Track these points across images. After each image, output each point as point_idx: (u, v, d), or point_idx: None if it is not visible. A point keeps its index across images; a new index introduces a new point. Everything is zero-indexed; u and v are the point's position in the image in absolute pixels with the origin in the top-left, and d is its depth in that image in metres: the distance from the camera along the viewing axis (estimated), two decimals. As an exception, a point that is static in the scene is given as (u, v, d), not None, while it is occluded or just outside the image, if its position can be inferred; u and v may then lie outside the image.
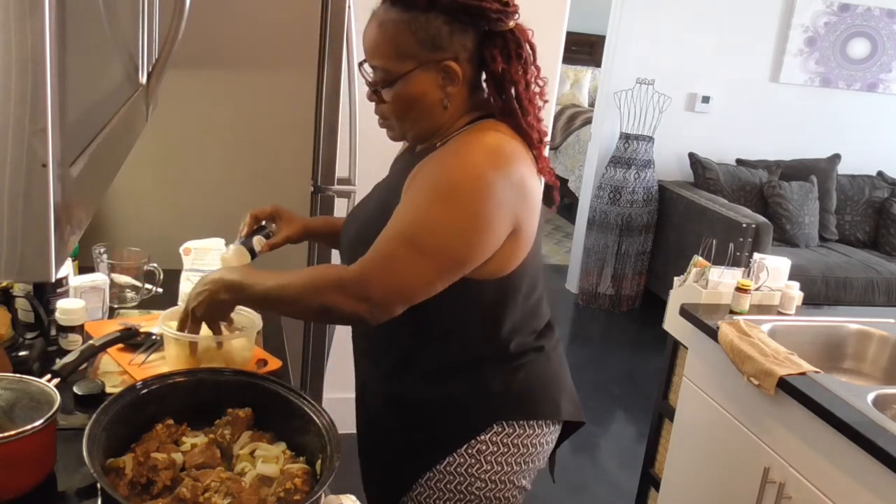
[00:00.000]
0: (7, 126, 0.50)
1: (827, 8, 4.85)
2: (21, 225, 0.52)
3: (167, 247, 1.83)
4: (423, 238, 1.19)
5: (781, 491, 1.89)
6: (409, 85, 1.25)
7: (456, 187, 1.19)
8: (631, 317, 4.79)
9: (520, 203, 1.24)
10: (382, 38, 1.24)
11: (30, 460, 1.09)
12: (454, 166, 1.21)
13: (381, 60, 1.25)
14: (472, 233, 1.20)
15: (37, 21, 0.49)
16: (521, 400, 1.37)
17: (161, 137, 1.90)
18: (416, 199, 1.22)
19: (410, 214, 1.21)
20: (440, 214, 1.19)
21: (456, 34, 1.22)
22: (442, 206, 1.19)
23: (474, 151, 1.22)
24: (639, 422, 3.49)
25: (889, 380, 2.19)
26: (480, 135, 1.25)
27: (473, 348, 1.34)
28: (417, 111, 1.27)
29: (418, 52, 1.22)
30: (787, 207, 4.53)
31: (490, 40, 1.24)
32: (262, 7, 1.94)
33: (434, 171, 1.22)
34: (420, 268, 1.20)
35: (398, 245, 1.20)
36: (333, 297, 1.20)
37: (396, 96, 1.26)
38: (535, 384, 1.39)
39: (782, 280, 2.35)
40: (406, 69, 1.23)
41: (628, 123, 4.63)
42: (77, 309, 1.48)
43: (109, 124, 0.79)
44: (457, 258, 1.21)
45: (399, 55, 1.23)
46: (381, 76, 1.26)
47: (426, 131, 1.31)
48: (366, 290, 1.19)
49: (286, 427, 1.23)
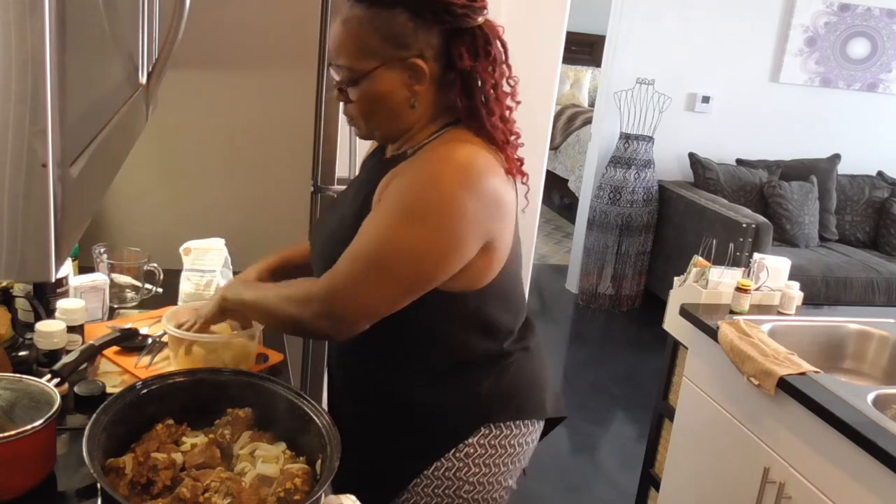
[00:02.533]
0: (7, 126, 0.50)
1: (827, 8, 4.85)
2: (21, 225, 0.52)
3: (167, 247, 1.83)
4: (389, 260, 1.18)
5: (781, 491, 1.89)
6: (374, 83, 1.22)
7: (425, 208, 1.17)
8: (631, 317, 4.79)
9: (492, 218, 1.22)
10: (346, 36, 1.22)
11: (30, 460, 1.09)
12: (424, 186, 1.18)
13: (345, 59, 1.22)
14: (439, 254, 1.19)
15: (37, 21, 0.49)
16: (507, 401, 1.36)
17: (161, 137, 1.90)
18: (384, 218, 1.20)
19: (377, 234, 1.19)
20: (407, 235, 1.17)
21: (421, 31, 1.19)
22: (409, 228, 1.17)
23: (444, 169, 1.19)
24: (639, 422, 3.49)
25: (889, 380, 2.19)
26: (450, 149, 1.21)
27: (459, 354, 1.33)
28: (384, 111, 1.25)
29: (382, 49, 1.20)
30: (787, 207, 4.53)
31: (457, 37, 1.21)
32: (262, 7, 1.94)
33: (404, 189, 1.20)
34: (385, 289, 1.20)
35: (364, 265, 1.19)
36: (301, 311, 1.22)
37: (362, 95, 1.24)
38: (520, 384, 1.38)
39: (782, 280, 2.35)
40: (370, 67, 1.21)
41: (628, 123, 4.63)
42: (77, 309, 1.48)
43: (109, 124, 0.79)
44: (423, 279, 1.20)
45: (362, 53, 1.21)
46: (346, 75, 1.23)
47: (394, 131, 1.28)
48: (330, 308, 1.20)
49: (286, 427, 1.23)
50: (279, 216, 2.08)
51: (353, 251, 1.20)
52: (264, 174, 2.05)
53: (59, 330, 1.38)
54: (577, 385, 3.93)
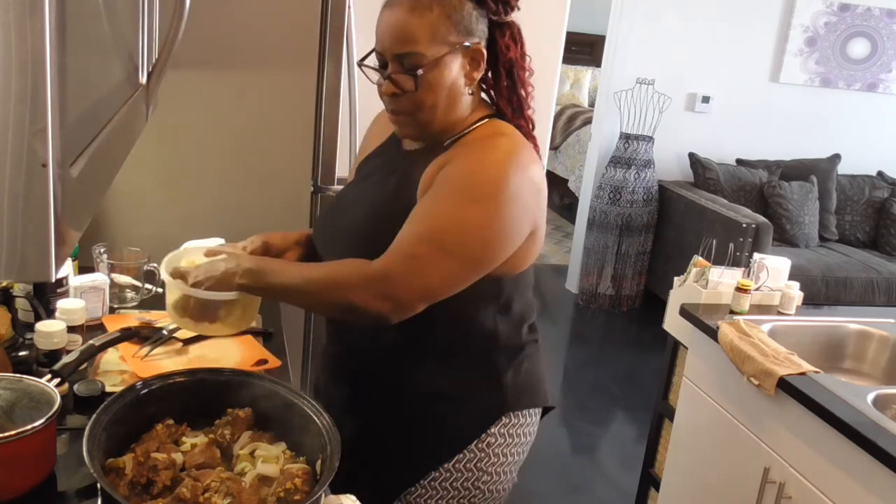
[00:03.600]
0: (7, 126, 0.50)
1: (827, 8, 4.85)
2: (21, 225, 0.52)
3: (167, 247, 1.83)
4: (449, 239, 1.20)
5: (781, 491, 1.89)
6: (442, 70, 1.22)
7: (484, 190, 1.20)
8: (631, 317, 4.79)
9: (537, 205, 1.26)
10: (418, 23, 1.20)
11: (30, 460, 1.09)
12: (481, 169, 1.21)
13: (413, 45, 1.21)
14: (497, 234, 1.21)
15: (37, 21, 0.49)
16: (525, 389, 1.38)
17: (161, 137, 1.90)
18: (441, 200, 1.21)
19: (438, 216, 1.21)
20: (469, 216, 1.20)
21: (479, 19, 1.24)
22: (470, 208, 1.20)
23: (495, 154, 1.22)
24: (639, 422, 3.49)
25: (889, 380, 2.19)
26: (495, 137, 1.26)
27: (487, 341, 1.34)
28: (447, 99, 1.25)
29: (452, 35, 1.21)
30: (787, 207, 4.53)
31: (499, 29, 1.26)
32: (262, 7, 1.94)
33: (460, 173, 1.22)
34: (446, 268, 1.20)
35: (425, 246, 1.20)
36: (358, 294, 1.20)
37: (428, 84, 1.22)
38: (534, 373, 1.41)
39: (782, 280, 2.35)
40: (440, 53, 1.21)
41: (628, 123, 4.63)
42: (77, 309, 1.48)
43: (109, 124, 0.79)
44: (482, 259, 1.22)
45: (434, 39, 1.21)
46: (413, 63, 1.21)
47: (448, 122, 1.28)
48: (390, 289, 1.19)
49: (286, 427, 1.23)
50: (279, 216, 2.08)
51: (412, 233, 1.20)
52: (264, 174, 2.05)
53: (59, 330, 1.38)
54: (577, 385, 3.93)
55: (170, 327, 1.54)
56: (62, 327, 1.39)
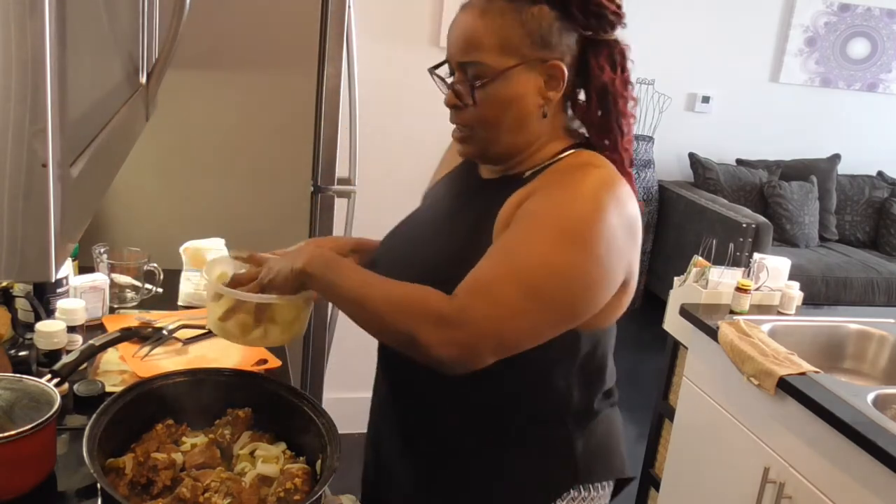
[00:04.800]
0: (7, 126, 0.50)
1: (827, 8, 4.85)
2: (21, 225, 0.52)
3: (167, 247, 1.84)
4: (542, 284, 1.02)
5: (781, 491, 1.89)
6: (508, 84, 1.08)
7: (577, 227, 1.03)
8: (631, 317, 4.70)
9: (632, 247, 1.10)
10: (486, 29, 1.08)
11: (30, 460, 1.09)
12: (572, 203, 1.04)
13: (479, 54, 1.08)
14: (593, 282, 1.04)
15: (37, 21, 0.49)
16: (597, 460, 1.21)
17: (161, 137, 1.90)
18: (528, 236, 1.04)
19: (522, 255, 1.03)
20: (560, 258, 1.02)
21: (564, 33, 1.09)
22: (561, 248, 1.02)
23: (589, 187, 1.05)
24: (639, 422, 3.48)
25: (889, 380, 2.19)
26: (587, 167, 1.09)
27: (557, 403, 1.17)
28: (511, 117, 1.10)
29: (525, 46, 1.07)
30: (787, 207, 4.53)
31: (595, 48, 1.11)
32: (262, 7, 1.94)
33: (547, 207, 1.06)
34: (532, 317, 1.03)
35: (509, 288, 1.01)
36: (423, 330, 1.01)
37: (490, 98, 1.09)
38: (610, 441, 1.25)
39: (782, 280, 2.35)
40: (508, 65, 1.07)
41: (628, 123, 4.63)
42: (77, 309, 1.48)
43: (109, 124, 0.79)
44: (574, 309, 1.06)
45: (502, 49, 1.07)
46: (476, 72, 1.09)
47: (516, 145, 1.13)
48: (462, 334, 1.01)
49: (286, 427, 1.23)
50: (279, 216, 2.08)
51: (493, 272, 1.03)
52: (264, 174, 2.05)
53: (59, 330, 1.38)
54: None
55: (170, 327, 1.54)
56: (62, 327, 1.39)
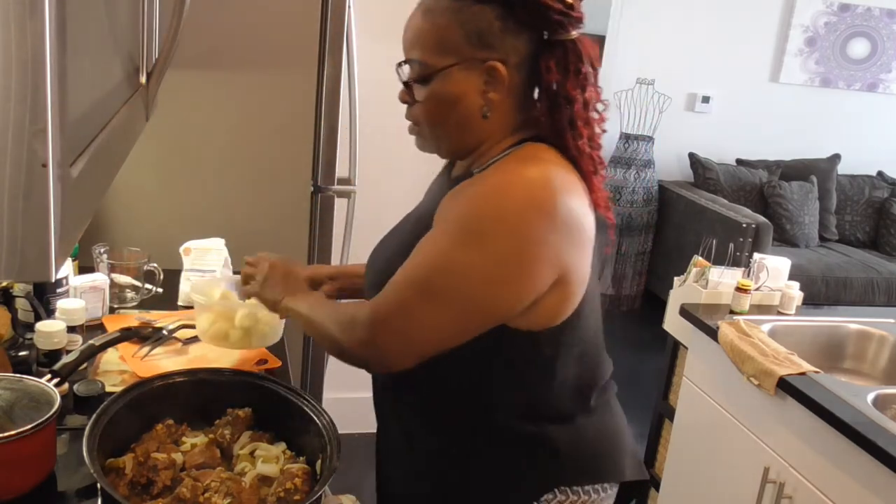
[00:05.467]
0: (7, 126, 0.50)
1: (827, 8, 4.85)
2: (21, 225, 0.52)
3: (167, 247, 1.84)
4: (438, 285, 1.04)
5: (781, 491, 1.89)
6: (446, 83, 1.10)
7: (484, 227, 1.03)
8: (631, 317, 4.79)
9: (568, 245, 1.06)
10: (426, 28, 1.10)
11: (30, 460, 1.09)
12: (486, 202, 1.04)
13: (419, 52, 1.11)
14: (499, 280, 1.04)
15: (37, 21, 0.49)
16: (584, 463, 1.20)
17: (161, 137, 1.90)
18: (438, 238, 1.06)
19: (428, 256, 1.05)
20: (462, 258, 1.03)
21: (509, 34, 1.08)
22: (464, 249, 1.03)
23: (512, 184, 1.05)
24: (639, 422, 3.48)
25: (889, 380, 2.19)
26: (522, 163, 1.08)
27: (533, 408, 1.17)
28: (453, 117, 1.12)
29: (462, 46, 1.08)
30: (787, 207, 4.54)
31: (547, 50, 1.10)
32: (262, 7, 1.94)
33: (462, 207, 1.06)
34: (434, 318, 1.05)
35: (412, 291, 1.05)
36: (343, 334, 1.10)
37: (431, 95, 1.11)
38: (600, 445, 1.23)
39: (782, 280, 2.35)
40: (445, 64, 1.09)
41: (628, 123, 4.63)
42: (77, 309, 1.48)
43: (109, 124, 0.79)
44: (480, 310, 1.06)
45: (440, 48, 1.09)
46: (417, 70, 1.12)
47: (462, 144, 1.15)
48: (373, 336, 1.06)
49: (286, 427, 1.23)
50: (279, 216, 2.08)
51: (402, 274, 1.07)
52: (264, 174, 2.05)
53: (59, 330, 1.38)
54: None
55: (170, 327, 1.54)
56: (62, 327, 1.39)
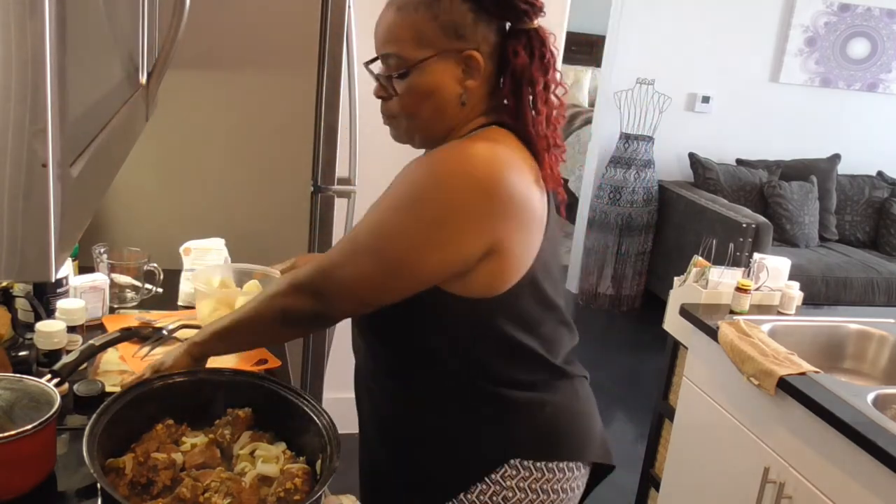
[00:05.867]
0: (7, 126, 0.50)
1: (827, 8, 4.85)
2: (21, 225, 0.52)
3: (167, 247, 1.84)
4: (372, 239, 1.15)
5: (781, 491, 1.89)
6: (424, 75, 1.15)
7: (419, 194, 1.12)
8: (631, 317, 4.79)
9: (504, 221, 1.12)
10: (401, 22, 1.15)
11: (30, 460, 1.09)
12: (427, 171, 1.13)
13: (396, 46, 1.15)
14: (425, 242, 1.11)
15: (37, 21, 0.49)
16: (542, 438, 1.23)
17: (161, 137, 1.90)
18: (381, 201, 1.16)
19: (369, 217, 1.16)
20: (394, 218, 1.13)
21: (480, 24, 1.15)
22: (398, 211, 1.13)
23: (454, 157, 1.12)
24: (639, 422, 3.49)
25: (889, 380, 2.19)
26: (472, 142, 1.14)
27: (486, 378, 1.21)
28: (431, 106, 1.17)
29: (439, 38, 1.14)
30: (787, 207, 4.54)
31: (513, 37, 1.17)
32: (262, 7, 1.94)
33: (407, 174, 1.15)
34: (366, 267, 1.15)
35: (350, 245, 1.18)
36: (287, 297, 1.20)
37: (409, 88, 1.16)
38: (560, 422, 1.25)
39: (782, 280, 2.35)
40: (423, 56, 1.14)
41: (628, 123, 4.63)
42: (77, 309, 1.48)
43: (109, 124, 0.79)
44: (407, 269, 1.14)
45: (417, 41, 1.14)
46: (394, 64, 1.16)
47: (437, 132, 1.20)
48: (317, 285, 1.18)
49: (286, 427, 1.23)
50: (279, 216, 2.08)
51: (346, 236, 1.21)
52: (264, 174, 2.05)
53: (59, 330, 1.38)
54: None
55: (170, 327, 1.54)
56: (62, 327, 1.39)
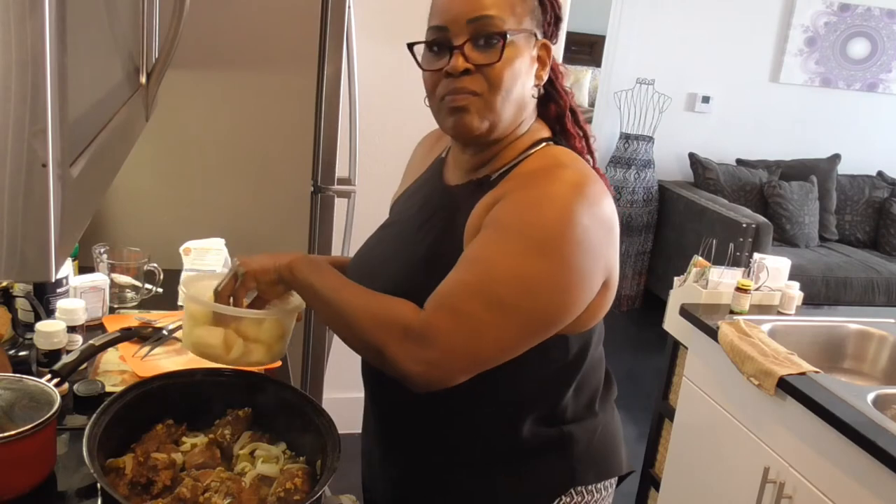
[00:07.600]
0: (7, 126, 0.50)
1: (827, 8, 4.85)
2: (21, 225, 0.52)
3: (167, 247, 1.84)
4: (509, 297, 0.98)
5: (781, 491, 1.89)
6: (516, 49, 1.04)
7: (548, 235, 0.98)
8: (631, 317, 4.79)
9: (610, 247, 1.06)
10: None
11: (30, 460, 1.09)
12: (541, 207, 1.00)
13: (497, 9, 1.03)
14: (568, 290, 1.00)
15: (37, 21, 0.49)
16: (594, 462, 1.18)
17: (161, 137, 1.90)
18: (496, 245, 1.00)
19: (490, 266, 0.99)
20: (529, 268, 0.98)
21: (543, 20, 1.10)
22: (533, 258, 0.98)
23: (562, 191, 1.00)
24: (639, 422, 3.49)
25: (889, 380, 2.19)
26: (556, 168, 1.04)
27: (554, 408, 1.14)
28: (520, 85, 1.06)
29: (527, 17, 1.06)
30: (787, 207, 4.54)
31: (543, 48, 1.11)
32: (262, 7, 1.94)
33: (515, 212, 1.01)
34: (502, 331, 0.99)
35: (477, 302, 0.97)
36: (391, 345, 0.99)
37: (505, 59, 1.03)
38: (607, 443, 1.22)
39: (782, 280, 2.35)
40: (521, 27, 1.05)
41: (628, 123, 4.63)
42: (77, 309, 1.48)
43: (109, 124, 0.79)
44: (548, 320, 1.01)
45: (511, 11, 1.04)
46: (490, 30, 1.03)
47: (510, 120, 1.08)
48: (428, 351, 0.97)
49: (286, 427, 1.23)
50: (279, 216, 2.08)
51: (460, 284, 0.99)
52: (264, 174, 2.05)
53: (59, 330, 1.38)
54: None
55: (170, 327, 1.54)
56: (62, 327, 1.39)
